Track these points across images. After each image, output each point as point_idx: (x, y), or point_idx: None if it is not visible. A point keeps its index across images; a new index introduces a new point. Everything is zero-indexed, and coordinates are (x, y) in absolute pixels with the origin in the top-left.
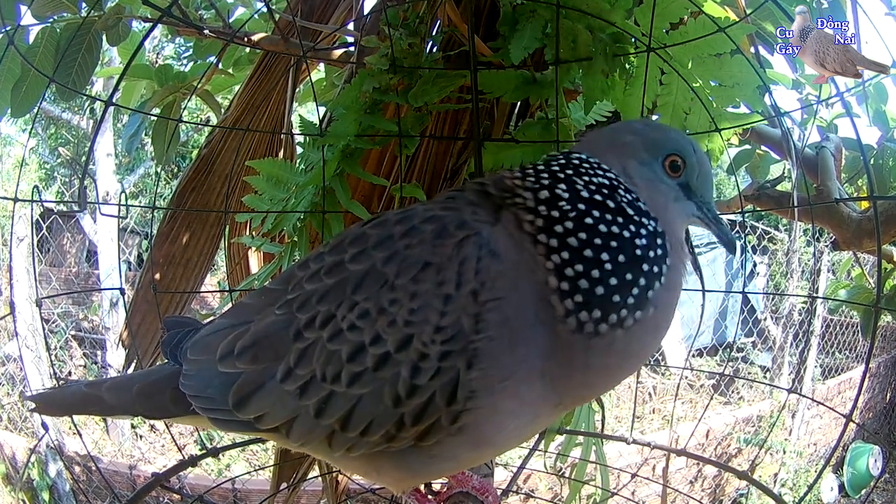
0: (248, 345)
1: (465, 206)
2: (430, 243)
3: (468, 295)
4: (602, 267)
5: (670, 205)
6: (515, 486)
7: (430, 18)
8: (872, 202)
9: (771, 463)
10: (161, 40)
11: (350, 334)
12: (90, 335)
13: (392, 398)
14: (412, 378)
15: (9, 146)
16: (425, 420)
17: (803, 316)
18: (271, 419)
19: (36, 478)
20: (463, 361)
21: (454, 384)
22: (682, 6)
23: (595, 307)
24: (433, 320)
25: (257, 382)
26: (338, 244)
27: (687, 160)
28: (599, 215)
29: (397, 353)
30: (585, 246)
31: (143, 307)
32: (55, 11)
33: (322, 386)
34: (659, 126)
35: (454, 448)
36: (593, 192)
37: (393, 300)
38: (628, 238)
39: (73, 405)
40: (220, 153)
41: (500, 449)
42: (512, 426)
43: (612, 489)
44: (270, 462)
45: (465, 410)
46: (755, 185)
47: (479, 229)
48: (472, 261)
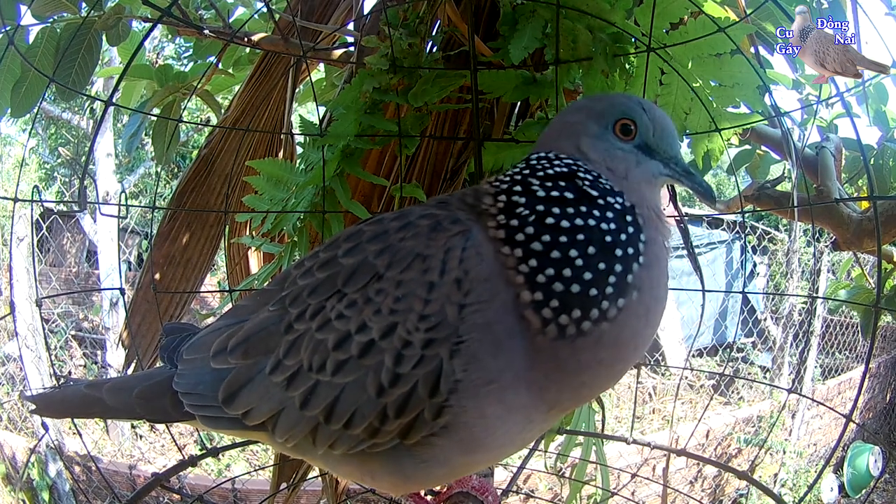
0: (240, 341)
1: (456, 210)
2: (424, 236)
3: (452, 283)
4: (573, 264)
5: (632, 170)
6: (515, 486)
7: (430, 18)
8: (872, 202)
9: (771, 463)
10: (161, 40)
11: (337, 323)
12: (90, 335)
13: (375, 387)
14: (395, 366)
15: (9, 146)
16: (408, 412)
17: (803, 316)
18: (258, 413)
19: (36, 478)
20: (446, 351)
21: (437, 374)
22: (682, 6)
23: (574, 307)
24: (417, 308)
25: (247, 377)
26: (333, 242)
27: (637, 120)
28: (560, 211)
29: (381, 341)
30: (551, 247)
31: (143, 307)
32: (55, 11)
33: (308, 376)
34: (601, 96)
35: (444, 452)
36: (550, 189)
37: (379, 290)
38: (594, 226)
39: (73, 407)
40: (220, 153)
41: (493, 454)
42: (502, 431)
43: (612, 489)
44: (270, 462)
45: (448, 406)
46: (755, 186)
47: (470, 227)
48: (458, 250)
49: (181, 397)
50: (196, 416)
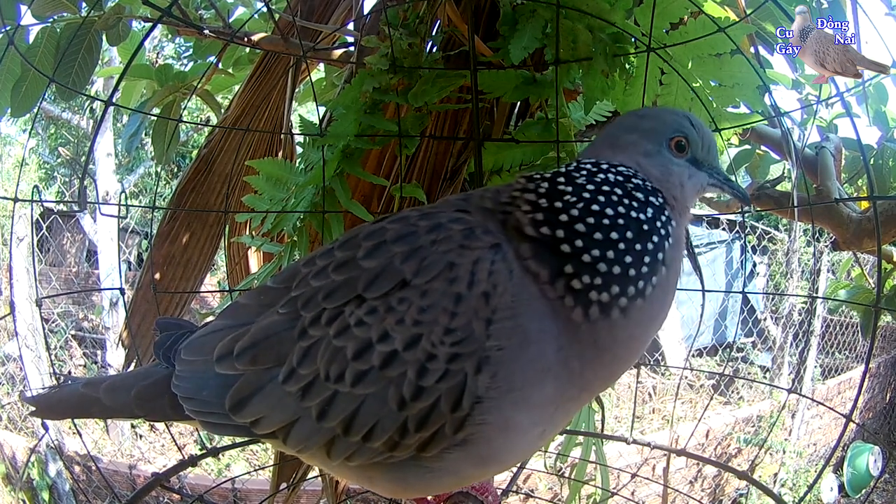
0: (248, 346)
1: (479, 217)
2: (456, 243)
3: (480, 296)
4: (616, 246)
5: (686, 182)
6: (515, 485)
7: (430, 18)
8: (872, 202)
9: (771, 463)
10: (161, 40)
11: (357, 330)
12: (90, 335)
13: (397, 400)
14: (418, 379)
15: (9, 146)
16: (429, 427)
17: (803, 316)
18: (269, 423)
19: (36, 478)
20: (471, 366)
21: (461, 389)
22: (682, 6)
23: (614, 285)
24: (443, 321)
25: (257, 384)
26: (349, 239)
27: (689, 137)
28: (605, 199)
29: (405, 352)
30: (595, 229)
31: (143, 307)
32: (55, 11)
33: (326, 386)
34: (651, 113)
35: (457, 464)
36: (600, 184)
37: (402, 298)
38: (637, 212)
39: (72, 408)
40: (220, 153)
41: (505, 466)
42: (521, 444)
43: (612, 489)
44: (270, 462)
45: (470, 420)
46: (755, 185)
47: (500, 241)
48: (487, 262)
49: (181, 401)
50: (198, 422)
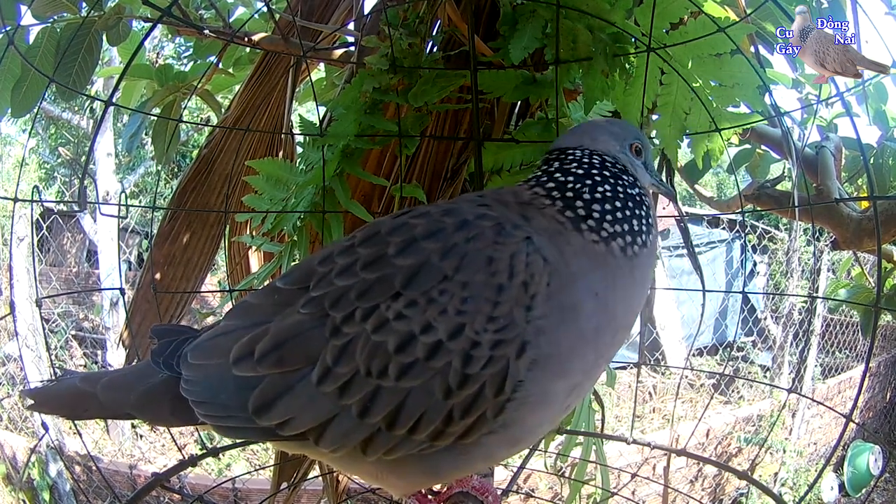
0: (271, 347)
1: (501, 212)
2: (491, 239)
3: (520, 286)
4: (623, 211)
5: (642, 178)
6: (515, 485)
7: (430, 18)
8: (872, 202)
9: (771, 462)
10: (161, 40)
11: (397, 324)
12: (90, 335)
13: (443, 390)
14: (464, 368)
15: (9, 146)
16: (473, 413)
17: (803, 315)
18: (299, 423)
19: (36, 478)
20: (513, 351)
21: (504, 375)
22: (682, 6)
23: (628, 236)
24: (485, 310)
25: (283, 386)
26: (371, 236)
27: (643, 144)
28: (609, 175)
29: (449, 342)
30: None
31: (144, 307)
32: (55, 11)
33: (367, 381)
34: (615, 122)
35: (492, 446)
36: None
37: (443, 290)
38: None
39: (68, 404)
40: (221, 153)
41: (534, 441)
42: (548, 417)
43: (612, 489)
44: (270, 462)
45: (511, 402)
46: (755, 185)
47: (531, 234)
48: (523, 255)
49: (193, 405)
50: (212, 426)
